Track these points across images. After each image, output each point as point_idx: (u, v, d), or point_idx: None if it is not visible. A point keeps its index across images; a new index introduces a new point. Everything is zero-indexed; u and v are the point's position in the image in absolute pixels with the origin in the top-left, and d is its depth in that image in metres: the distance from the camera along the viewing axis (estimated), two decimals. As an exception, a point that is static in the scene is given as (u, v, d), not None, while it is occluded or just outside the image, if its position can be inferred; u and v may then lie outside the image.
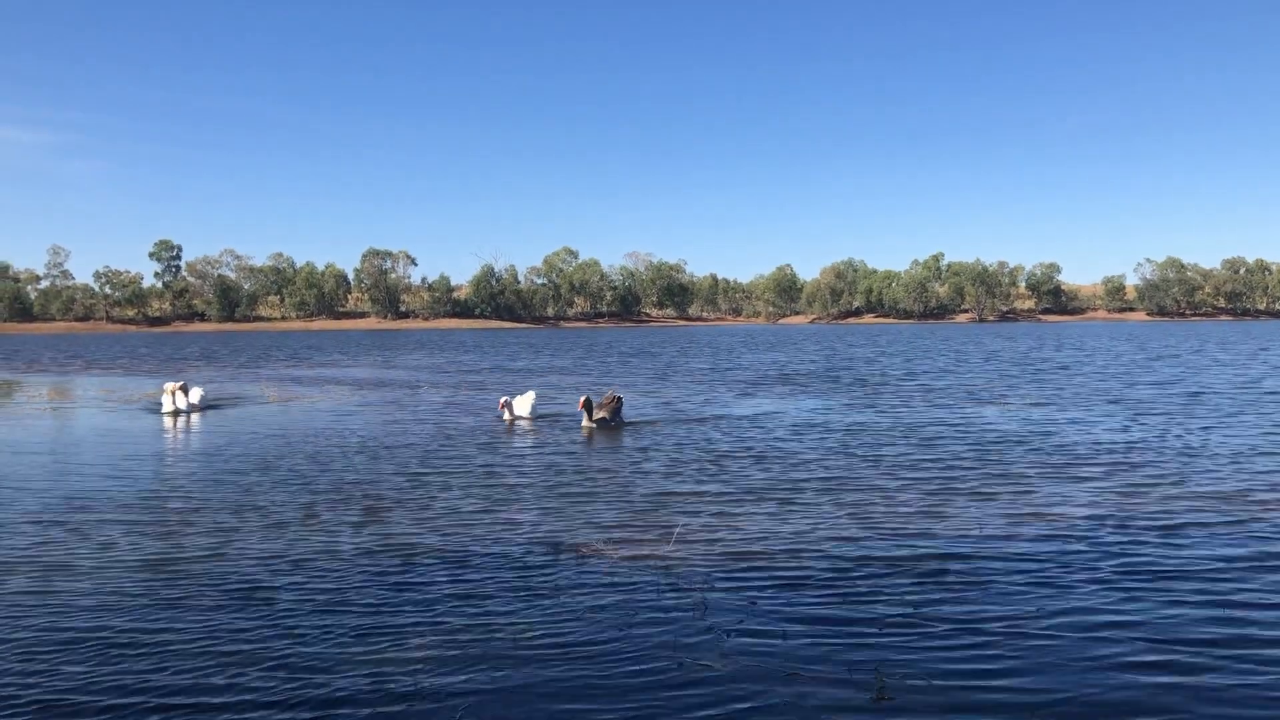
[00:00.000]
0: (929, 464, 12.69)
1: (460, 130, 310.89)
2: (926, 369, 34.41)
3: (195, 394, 21.25)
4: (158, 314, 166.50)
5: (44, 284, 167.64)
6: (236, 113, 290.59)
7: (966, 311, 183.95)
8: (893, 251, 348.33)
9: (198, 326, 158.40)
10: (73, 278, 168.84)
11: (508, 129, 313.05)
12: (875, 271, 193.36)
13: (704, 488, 11.20)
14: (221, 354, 56.08)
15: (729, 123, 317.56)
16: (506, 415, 17.79)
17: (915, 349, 53.73)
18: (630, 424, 17.27)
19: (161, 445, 15.66)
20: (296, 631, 6.24)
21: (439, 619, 6.46)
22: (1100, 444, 14.38)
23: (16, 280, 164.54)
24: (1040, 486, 11.08)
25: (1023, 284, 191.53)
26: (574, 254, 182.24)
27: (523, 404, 18.00)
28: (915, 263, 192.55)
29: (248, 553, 8.29)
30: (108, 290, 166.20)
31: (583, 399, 16.98)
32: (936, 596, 6.88)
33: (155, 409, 21.15)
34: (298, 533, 9.06)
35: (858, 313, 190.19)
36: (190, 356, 53.06)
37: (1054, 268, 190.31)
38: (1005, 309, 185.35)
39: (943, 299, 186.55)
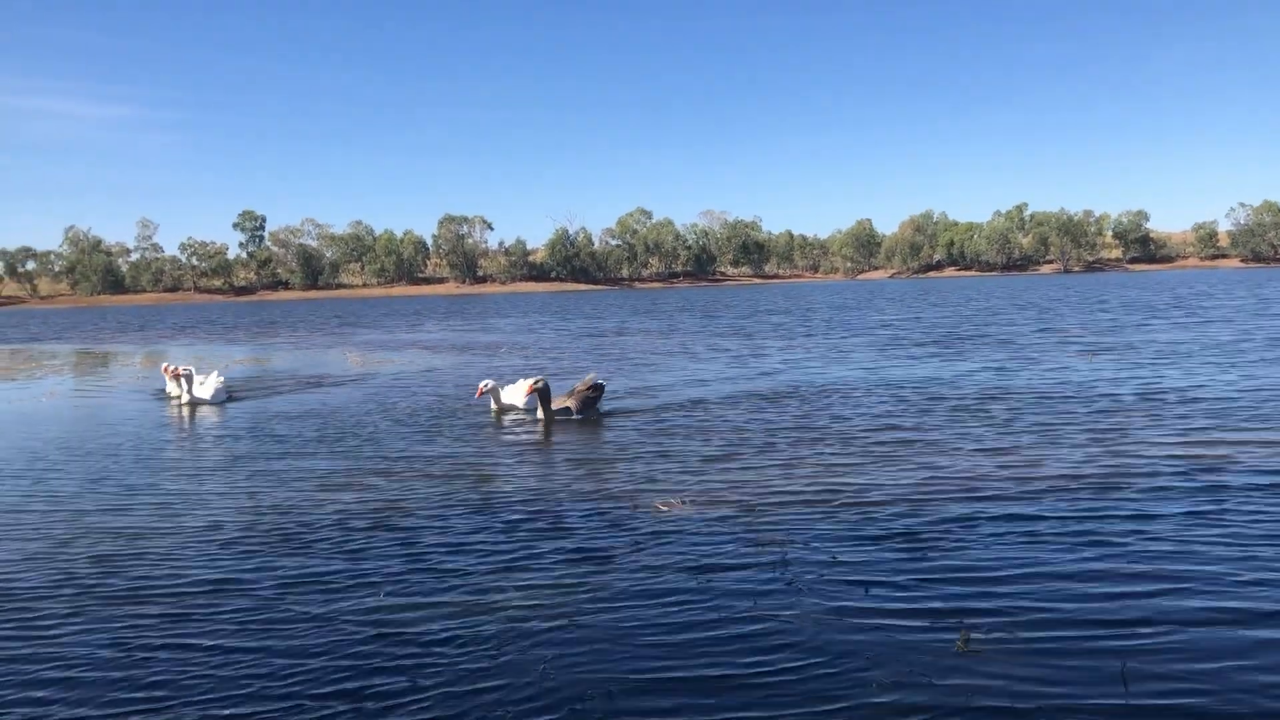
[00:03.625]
0: (1026, 422, 12.37)
1: (533, 92, 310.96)
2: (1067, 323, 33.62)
3: (210, 384, 16.95)
4: (243, 283, 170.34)
5: (134, 257, 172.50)
6: (312, 82, 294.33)
7: (1051, 262, 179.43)
8: (974, 203, 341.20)
9: (282, 295, 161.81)
10: (161, 250, 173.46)
11: (581, 89, 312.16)
12: (956, 223, 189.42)
13: (787, 446, 11.06)
14: (306, 321, 57.25)
15: (803, 75, 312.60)
16: (493, 404, 14.53)
17: (1048, 302, 52.59)
18: (611, 413, 14.05)
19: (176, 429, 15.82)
20: (379, 583, 6.31)
21: (519, 576, 6.50)
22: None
23: (108, 254, 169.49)
24: (1159, 444, 10.72)
25: (1109, 233, 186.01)
26: (648, 214, 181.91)
27: (514, 393, 14.57)
28: (998, 214, 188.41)
29: (330, 508, 8.41)
30: (194, 261, 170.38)
31: (533, 383, 13.71)
32: (1022, 549, 6.70)
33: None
34: (378, 491, 9.19)
35: (938, 266, 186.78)
36: (279, 323, 54.25)
37: (1141, 215, 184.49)
38: (1091, 259, 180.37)
39: (1026, 250, 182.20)
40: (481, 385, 14.22)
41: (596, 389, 14.00)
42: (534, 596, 6.03)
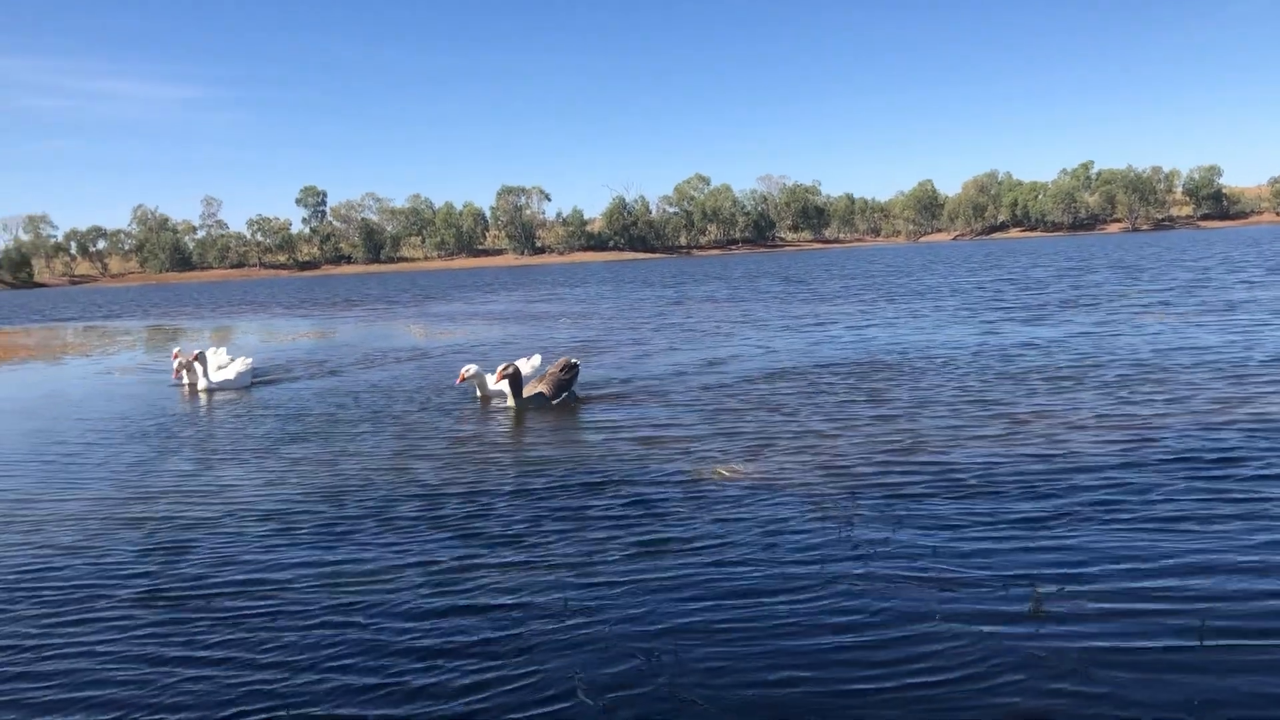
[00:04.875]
0: (1105, 385, 12.12)
1: (588, 60, 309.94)
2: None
3: (233, 367, 16.21)
4: (307, 259, 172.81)
5: (200, 234, 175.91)
6: (370, 57, 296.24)
7: (1118, 221, 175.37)
8: (1039, 161, 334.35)
9: (345, 269, 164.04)
10: (226, 227, 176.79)
11: (637, 55, 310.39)
12: (1021, 183, 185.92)
13: (860, 415, 10.97)
14: (374, 295, 57.97)
15: (861, 36, 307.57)
16: (477, 391, 13.38)
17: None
18: (588, 399, 13.00)
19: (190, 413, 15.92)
20: (431, 560, 6.38)
21: (578, 540, 6.53)
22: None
23: (175, 232, 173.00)
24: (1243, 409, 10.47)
25: (1179, 189, 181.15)
26: (705, 180, 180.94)
27: (494, 378, 12.81)
28: (1063, 172, 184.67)
29: (417, 478, 8.51)
30: (259, 237, 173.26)
31: (502, 369, 12.50)
32: (1103, 519, 6.56)
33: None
34: (446, 465, 9.30)
35: (1003, 227, 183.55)
36: (348, 298, 54.99)
37: (1214, 170, 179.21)
38: (1160, 217, 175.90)
39: (1093, 209, 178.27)
40: (463, 371, 13.05)
41: (570, 369, 12.95)
42: (597, 563, 6.05)
